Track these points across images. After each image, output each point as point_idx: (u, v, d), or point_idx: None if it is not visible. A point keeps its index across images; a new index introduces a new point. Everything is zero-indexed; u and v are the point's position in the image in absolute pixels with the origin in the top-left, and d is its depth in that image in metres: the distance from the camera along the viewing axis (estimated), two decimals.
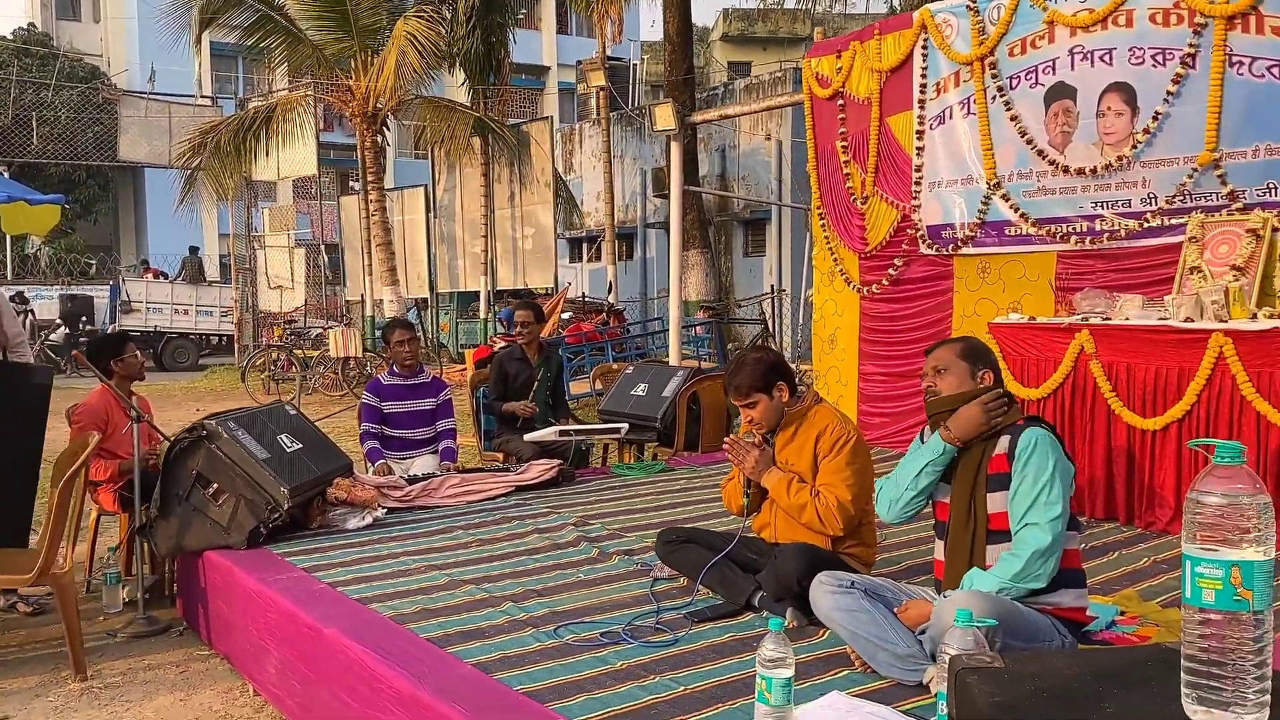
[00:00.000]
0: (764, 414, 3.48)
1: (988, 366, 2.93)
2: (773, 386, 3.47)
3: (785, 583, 3.22)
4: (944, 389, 2.91)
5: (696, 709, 2.58)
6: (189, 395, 15.47)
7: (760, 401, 3.47)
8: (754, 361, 3.50)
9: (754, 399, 3.47)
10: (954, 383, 2.89)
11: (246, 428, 4.41)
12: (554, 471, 5.50)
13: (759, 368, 3.47)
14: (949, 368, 2.91)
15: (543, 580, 3.77)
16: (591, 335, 12.23)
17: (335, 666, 3.14)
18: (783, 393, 3.48)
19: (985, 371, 2.91)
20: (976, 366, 2.91)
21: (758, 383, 3.46)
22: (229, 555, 4.09)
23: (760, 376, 3.46)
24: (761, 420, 3.49)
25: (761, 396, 3.47)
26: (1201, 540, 1.42)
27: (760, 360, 3.51)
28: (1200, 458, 4.31)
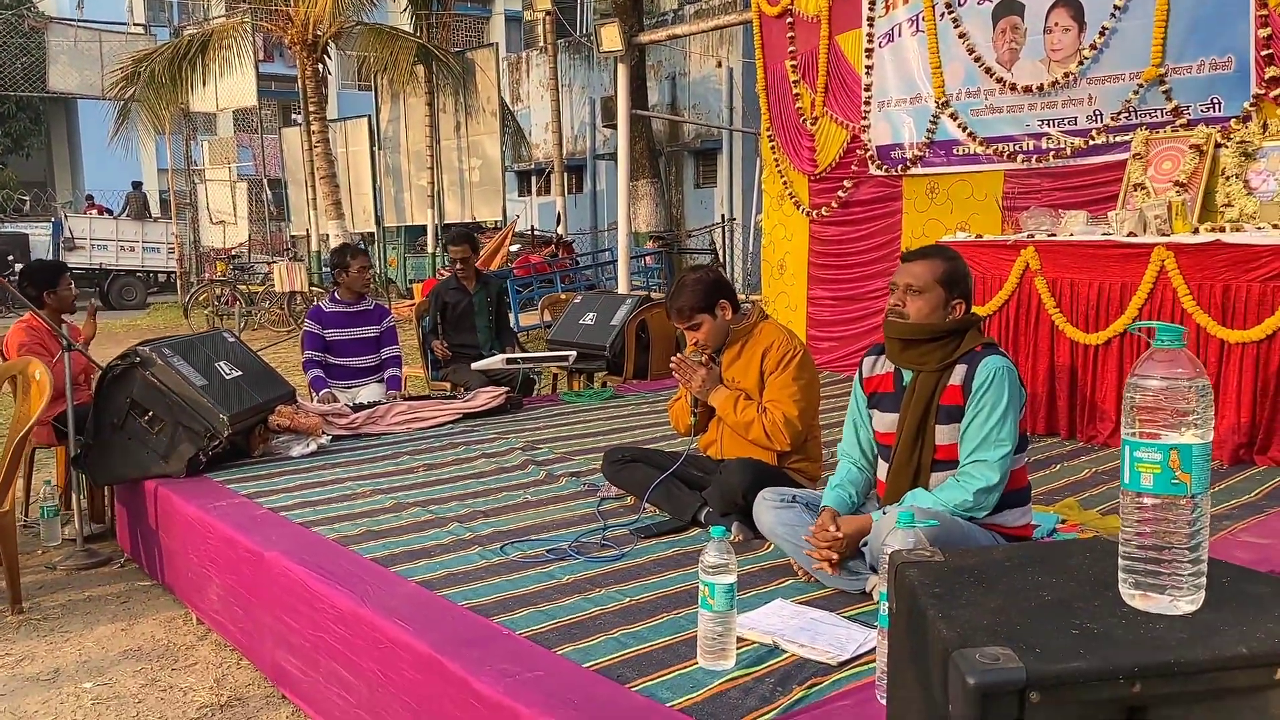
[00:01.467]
0: (708, 334, 3.44)
1: (961, 296, 2.69)
2: (715, 305, 3.43)
3: (730, 497, 3.22)
4: (912, 313, 2.71)
5: (642, 618, 2.58)
6: (131, 333, 15.13)
7: (704, 322, 3.43)
8: (694, 282, 3.45)
9: (697, 320, 3.43)
10: (924, 309, 2.69)
11: (182, 354, 4.29)
12: (501, 399, 5.44)
13: (700, 288, 3.43)
14: (924, 290, 2.68)
15: (489, 502, 3.73)
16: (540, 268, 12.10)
17: (276, 590, 3.10)
18: (726, 311, 3.44)
19: (958, 302, 2.69)
20: (952, 294, 2.68)
21: (700, 303, 3.41)
22: (168, 484, 4.01)
23: (702, 296, 3.41)
24: (706, 340, 3.45)
25: (705, 317, 3.42)
26: (1141, 424, 1.40)
27: (700, 280, 3.45)
28: None
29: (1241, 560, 2.98)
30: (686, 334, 3.50)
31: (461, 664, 2.29)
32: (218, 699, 3.17)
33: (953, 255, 2.77)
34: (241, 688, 3.26)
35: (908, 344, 2.74)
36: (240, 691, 3.23)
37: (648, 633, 2.48)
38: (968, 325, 2.71)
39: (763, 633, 2.43)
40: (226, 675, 3.36)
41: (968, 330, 2.71)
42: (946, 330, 2.69)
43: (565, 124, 21.58)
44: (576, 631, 2.49)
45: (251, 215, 21.90)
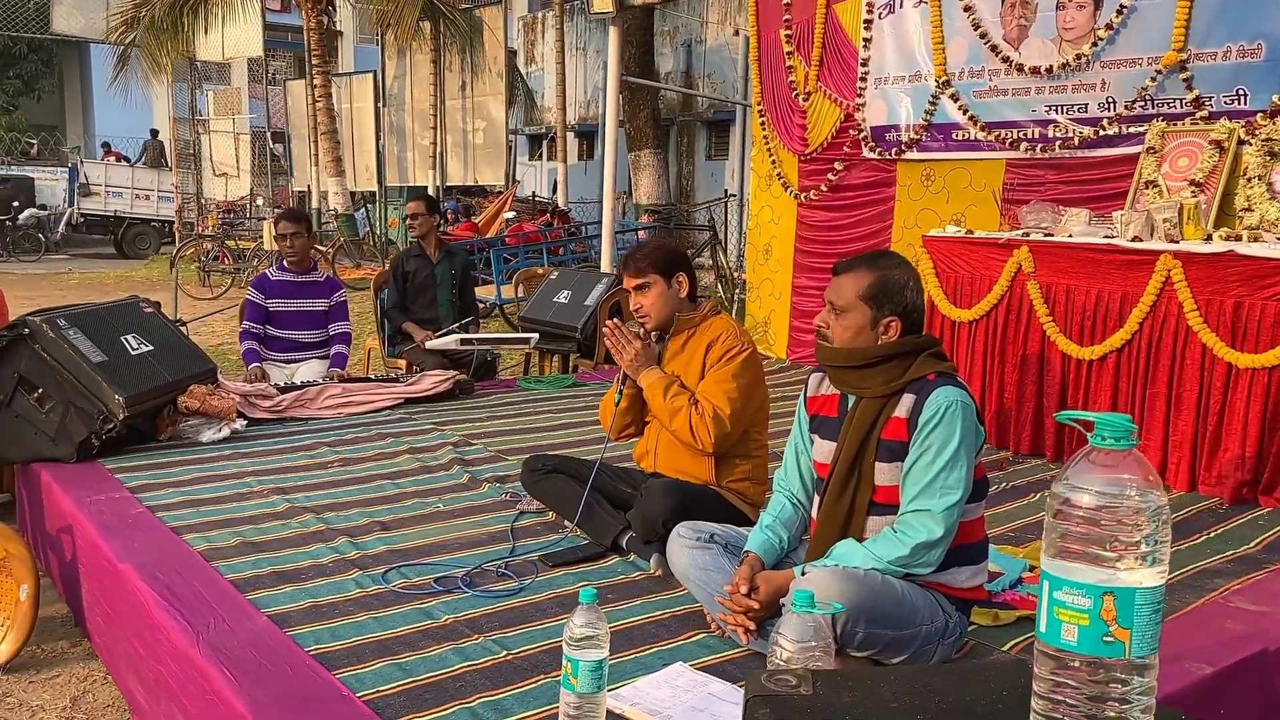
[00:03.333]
0: (656, 303, 3.02)
1: (896, 313, 2.28)
2: (673, 275, 3.02)
3: (650, 523, 2.83)
4: (836, 336, 2.33)
5: (514, 681, 2.19)
6: (121, 284, 14.83)
7: (655, 285, 3.01)
8: (659, 245, 3.09)
9: (649, 280, 3.01)
10: (847, 332, 2.31)
11: (81, 326, 3.90)
12: (449, 383, 5.05)
13: (662, 252, 3.05)
14: (848, 309, 2.30)
15: (394, 510, 3.35)
16: (531, 237, 11.66)
17: (127, 608, 2.73)
18: (682, 286, 3.03)
19: (891, 320, 2.27)
20: (881, 313, 2.28)
21: (658, 264, 3.01)
22: (53, 469, 3.65)
23: (661, 259, 3.01)
24: (652, 310, 3.03)
25: (658, 280, 3.01)
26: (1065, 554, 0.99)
27: (665, 246, 3.10)
28: (1141, 390, 3.92)
29: (1232, 632, 2.56)
30: (631, 298, 3.07)
31: None
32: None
33: (889, 264, 2.34)
34: (98, 710, 2.91)
35: (840, 369, 2.33)
36: (94, 715, 2.88)
37: (512, 703, 2.09)
38: (916, 348, 2.29)
39: (645, 711, 2.04)
40: (87, 693, 3.01)
41: (919, 353, 2.29)
42: (880, 355, 2.27)
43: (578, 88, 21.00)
44: (429, 697, 2.10)
45: (255, 169, 21.52)
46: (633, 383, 3.07)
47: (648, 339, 3.07)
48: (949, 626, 2.27)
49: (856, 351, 2.31)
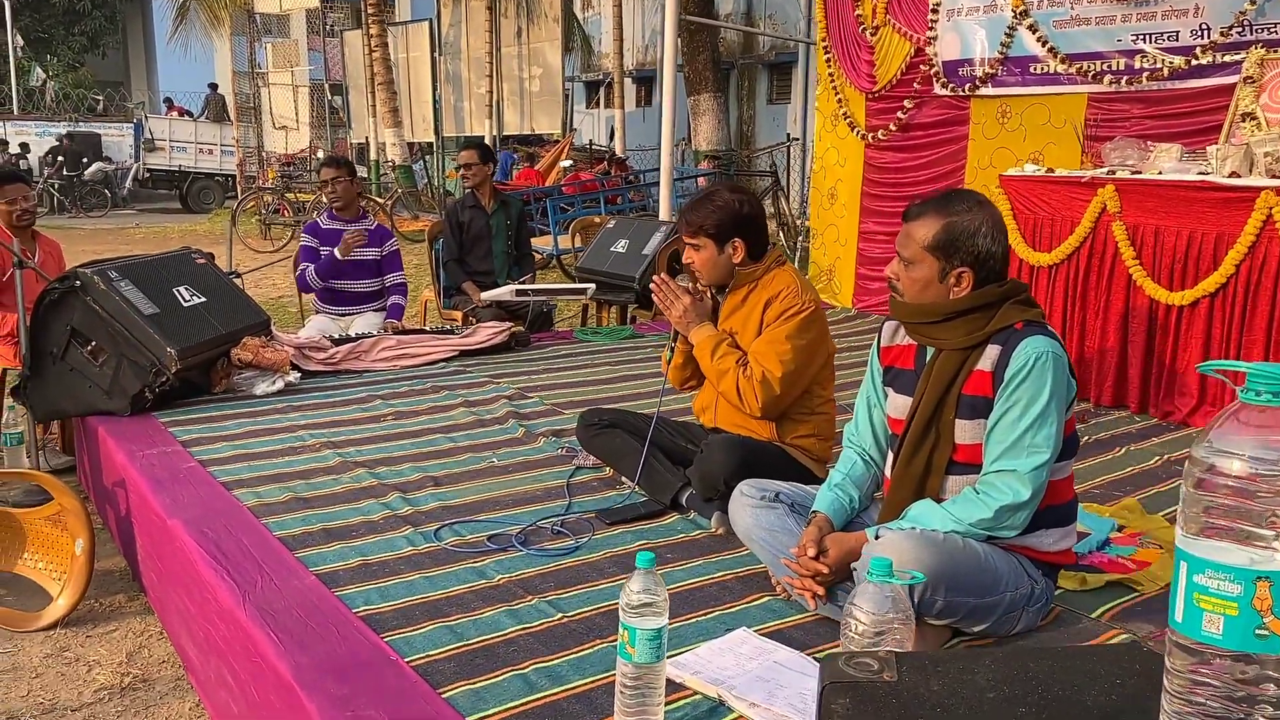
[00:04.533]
0: (705, 264, 2.85)
1: (969, 264, 2.07)
2: (727, 240, 2.82)
3: (711, 481, 2.68)
4: (906, 290, 2.15)
5: (569, 646, 2.08)
6: (186, 238, 14.99)
7: (705, 249, 2.83)
8: (722, 203, 2.82)
9: (699, 242, 2.83)
10: (915, 286, 2.12)
11: (132, 278, 3.85)
12: (505, 335, 4.94)
13: (721, 211, 2.80)
14: (914, 261, 2.11)
15: (448, 465, 3.26)
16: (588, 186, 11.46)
17: (176, 564, 2.68)
18: (736, 253, 2.83)
19: (961, 271, 2.07)
20: (950, 264, 2.08)
21: (711, 226, 2.80)
22: (108, 423, 3.62)
23: (718, 220, 2.80)
24: (701, 269, 2.87)
25: (708, 243, 2.82)
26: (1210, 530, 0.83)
27: (729, 205, 2.81)
28: (1236, 338, 3.66)
29: None
30: (685, 252, 2.91)
31: (319, 704, 1.82)
32: (121, 680, 2.78)
33: (960, 207, 2.10)
34: (153, 666, 2.88)
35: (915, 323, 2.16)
36: (150, 671, 2.85)
37: (567, 669, 1.98)
38: (999, 298, 2.10)
39: (707, 681, 1.91)
40: (142, 649, 2.98)
41: (1004, 302, 2.10)
42: (954, 311, 2.09)
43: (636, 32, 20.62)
44: (480, 663, 2.00)
45: (314, 121, 21.57)
46: (684, 338, 2.92)
47: (698, 294, 2.90)
48: (1034, 593, 2.11)
49: (927, 308, 2.13)
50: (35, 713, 2.62)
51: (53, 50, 29.47)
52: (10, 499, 3.84)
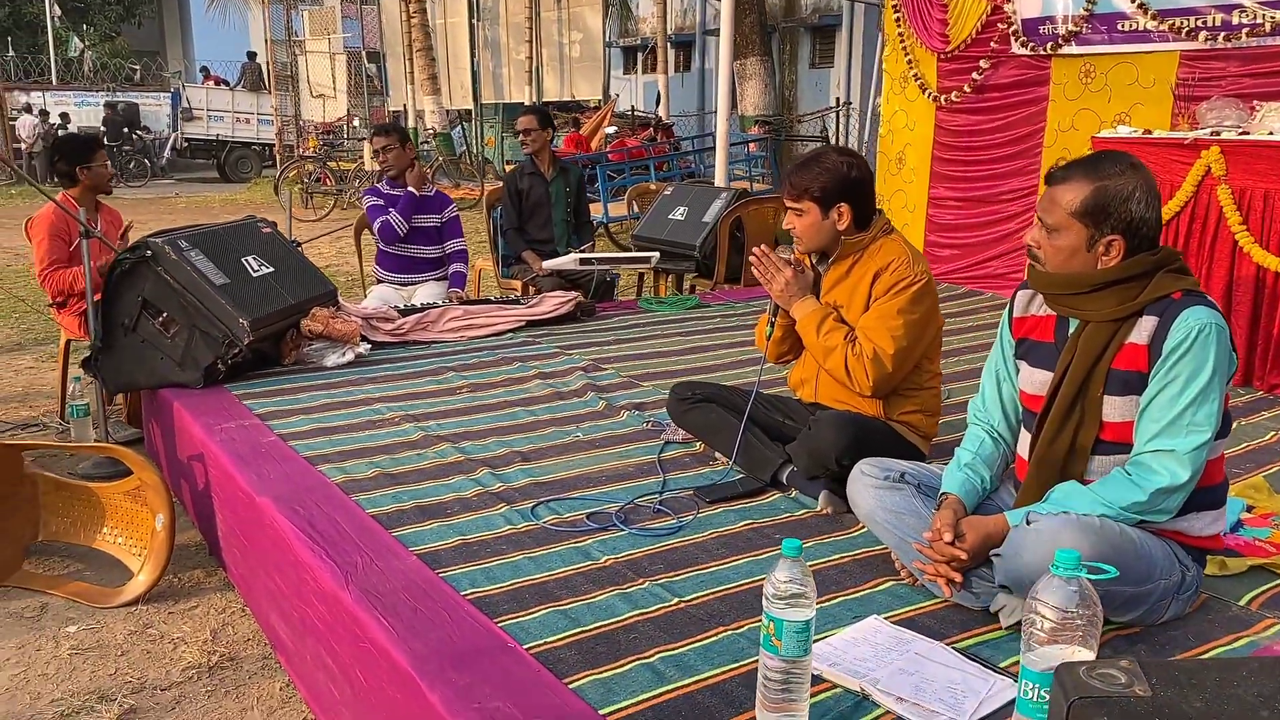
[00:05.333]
0: (808, 231, 2.71)
1: (1120, 230, 1.92)
2: (833, 204, 2.67)
3: (820, 459, 2.57)
4: (1048, 259, 2.00)
5: (691, 633, 1.98)
6: (227, 207, 14.99)
7: (809, 213, 2.68)
8: (829, 165, 2.66)
9: (802, 206, 2.69)
10: (1060, 254, 1.97)
11: (202, 247, 3.77)
12: (570, 304, 4.83)
13: (828, 174, 2.65)
14: (1060, 228, 1.96)
15: (533, 439, 3.16)
16: (636, 153, 11.29)
17: (266, 541, 2.61)
18: (842, 218, 2.68)
19: (1112, 239, 1.92)
20: (1100, 231, 1.93)
21: (816, 189, 2.66)
22: (182, 395, 3.55)
23: (823, 184, 2.65)
24: (804, 236, 2.72)
25: (812, 207, 2.68)
26: None
27: (836, 168, 2.66)
28: None
29: None
30: (786, 217, 2.77)
31: (442, 695, 1.73)
32: (208, 658, 2.73)
33: (1112, 169, 1.95)
34: (239, 644, 2.82)
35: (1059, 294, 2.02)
36: (236, 649, 2.79)
37: (695, 659, 1.88)
38: (1154, 266, 1.95)
39: (848, 674, 1.80)
40: (226, 626, 2.92)
41: (1157, 270, 1.96)
42: (1103, 282, 1.95)
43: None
44: (602, 650, 1.90)
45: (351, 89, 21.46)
46: (785, 313, 2.79)
47: (800, 266, 2.77)
48: (1185, 580, 1.98)
49: (1073, 278, 1.99)
50: (125, 691, 2.57)
51: (89, 20, 29.54)
52: (83, 472, 3.80)
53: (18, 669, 2.69)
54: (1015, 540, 1.86)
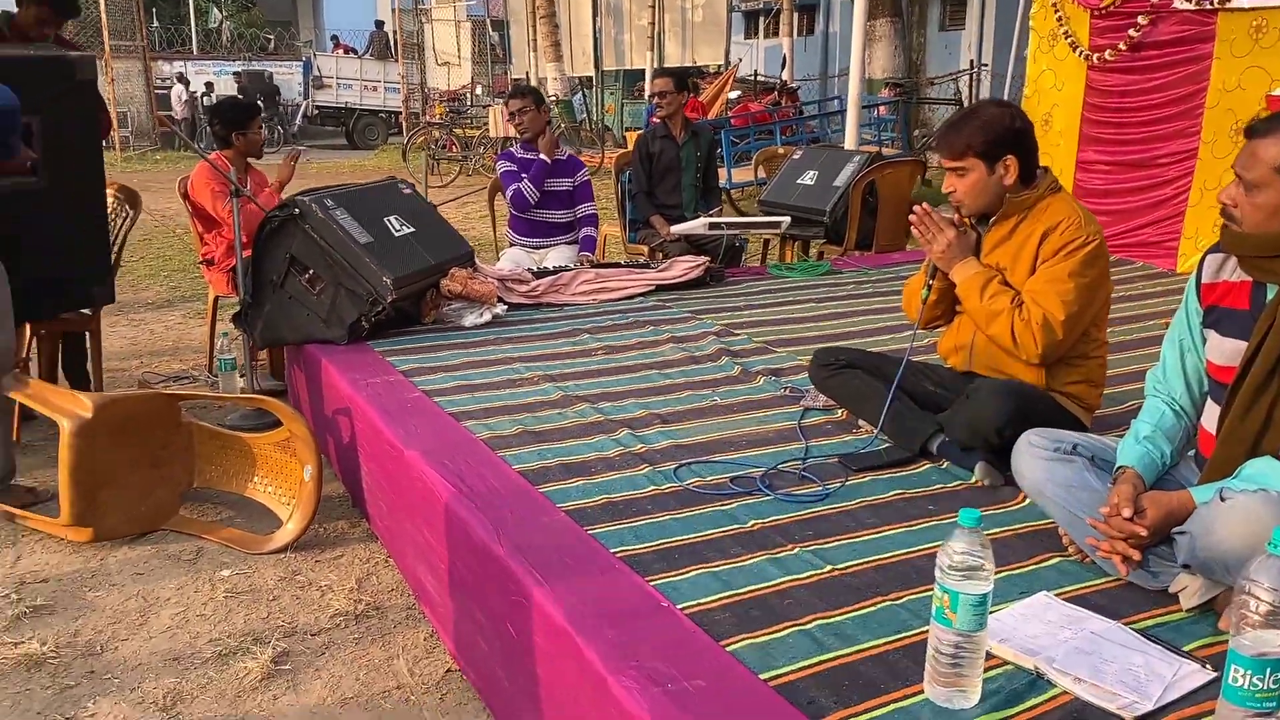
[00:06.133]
0: (971, 190, 2.57)
1: None
2: (999, 158, 2.52)
3: (980, 429, 2.46)
4: (1245, 218, 1.86)
5: (847, 602, 1.92)
6: (356, 173, 15.38)
7: (974, 171, 2.54)
8: (989, 117, 2.52)
9: (965, 164, 2.55)
10: (1260, 214, 1.83)
11: (347, 207, 3.85)
12: (700, 269, 4.78)
13: (989, 126, 2.51)
14: (1262, 184, 1.82)
15: (670, 403, 3.13)
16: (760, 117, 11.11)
17: (414, 495, 2.65)
18: (1009, 171, 2.54)
19: None
20: None
21: (979, 143, 2.51)
22: (327, 351, 3.64)
23: (987, 136, 2.51)
24: (966, 197, 2.59)
25: (976, 163, 2.53)
26: None
27: (998, 118, 2.51)
28: None
29: None
30: (945, 179, 2.66)
31: (600, 652, 1.72)
32: (355, 606, 2.80)
33: None
34: (383, 594, 2.89)
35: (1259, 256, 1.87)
36: (380, 599, 2.86)
37: (853, 628, 1.83)
38: None
39: (1020, 650, 1.72)
40: (371, 575, 3.00)
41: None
42: None
43: None
44: (757, 615, 1.86)
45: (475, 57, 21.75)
46: (943, 275, 2.68)
47: (963, 227, 2.65)
48: None
49: (1273, 240, 1.84)
50: (278, 635, 2.65)
51: None
52: (231, 423, 3.94)
53: (177, 609, 2.81)
54: (1205, 517, 1.74)
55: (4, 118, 3.27)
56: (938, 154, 2.68)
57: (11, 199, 3.46)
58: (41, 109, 3.44)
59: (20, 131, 3.42)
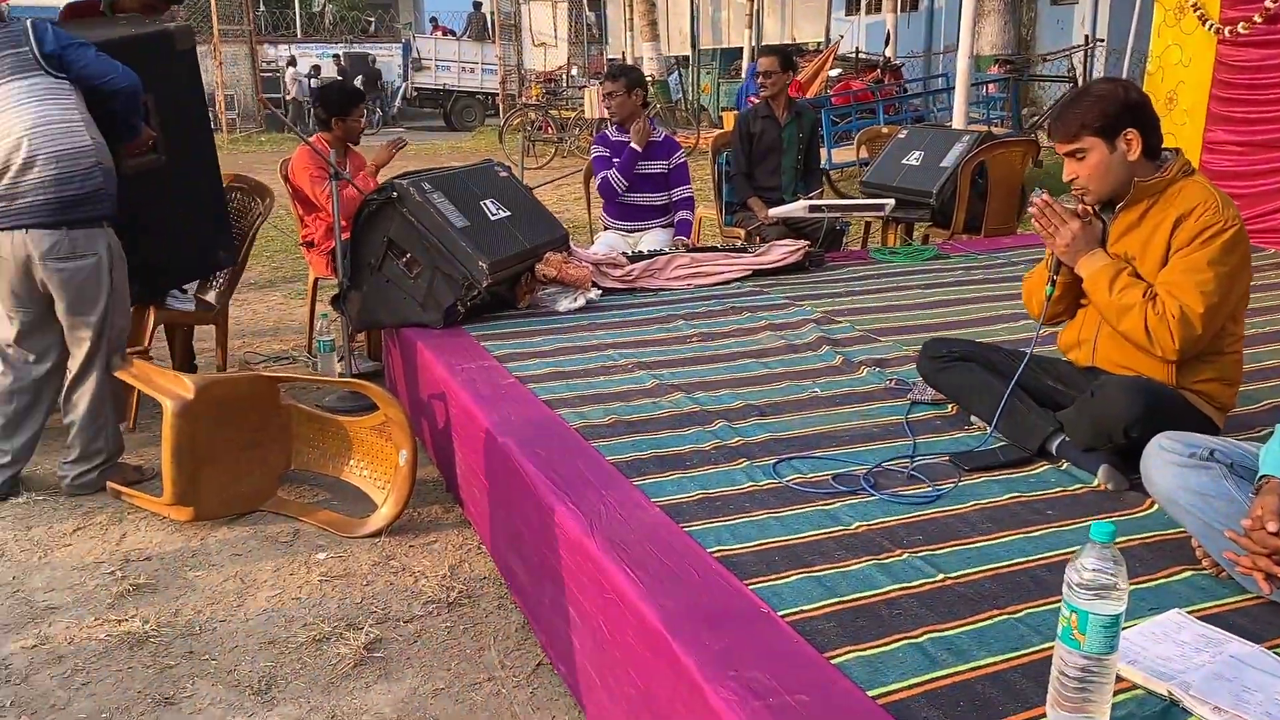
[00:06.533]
0: (1095, 173, 2.40)
1: None
2: (1118, 131, 2.35)
3: (1106, 429, 2.31)
4: None
5: (960, 614, 1.80)
6: (453, 155, 15.55)
7: (1093, 151, 2.37)
8: (1103, 92, 2.36)
9: (1083, 145, 2.38)
10: None
11: (444, 190, 3.83)
12: (799, 254, 4.65)
13: (1104, 101, 2.34)
14: None
15: (768, 394, 3.03)
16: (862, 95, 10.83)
17: (507, 483, 2.61)
18: (1132, 147, 2.36)
19: None
20: None
21: (1095, 120, 2.34)
22: (423, 335, 3.64)
23: (1102, 111, 2.34)
24: (1091, 181, 2.41)
25: (1096, 143, 2.36)
26: None
27: (1111, 93, 2.35)
28: None
29: None
30: (1065, 167, 2.50)
31: (697, 660, 1.64)
32: (447, 594, 2.79)
33: None
34: (475, 582, 2.87)
35: None
36: (473, 587, 2.84)
37: (968, 643, 1.71)
38: None
39: (1152, 674, 1.59)
40: (463, 562, 2.99)
41: None
42: None
43: None
44: (864, 625, 1.76)
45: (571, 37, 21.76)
46: (1067, 269, 2.52)
47: (1088, 217, 2.48)
48: None
49: None
50: (371, 621, 2.65)
51: None
52: (328, 405, 3.97)
53: (274, 591, 2.83)
54: None
55: (130, 99, 3.34)
56: (1052, 141, 2.52)
57: (137, 179, 3.52)
58: (151, 85, 3.47)
59: (142, 111, 3.50)
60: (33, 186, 3.13)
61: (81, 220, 3.20)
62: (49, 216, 3.15)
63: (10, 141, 3.11)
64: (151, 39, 3.71)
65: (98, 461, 3.38)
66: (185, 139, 3.84)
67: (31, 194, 3.13)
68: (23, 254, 3.16)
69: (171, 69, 3.76)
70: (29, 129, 3.12)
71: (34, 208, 3.14)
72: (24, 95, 3.14)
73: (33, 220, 3.14)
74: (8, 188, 3.13)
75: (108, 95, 3.28)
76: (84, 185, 3.18)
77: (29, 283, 3.21)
